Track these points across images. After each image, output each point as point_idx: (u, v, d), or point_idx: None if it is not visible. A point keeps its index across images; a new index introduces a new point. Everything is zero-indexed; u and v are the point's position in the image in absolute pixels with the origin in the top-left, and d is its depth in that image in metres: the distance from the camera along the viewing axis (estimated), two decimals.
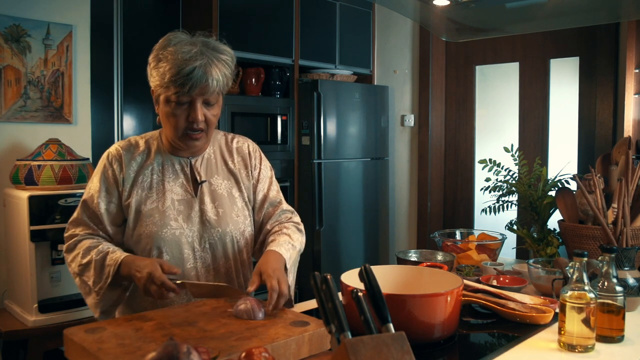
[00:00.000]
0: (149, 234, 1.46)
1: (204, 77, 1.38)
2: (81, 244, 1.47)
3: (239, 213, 1.56)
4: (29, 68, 2.62)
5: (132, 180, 1.50)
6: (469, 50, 3.85)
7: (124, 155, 1.51)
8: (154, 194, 1.49)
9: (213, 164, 1.57)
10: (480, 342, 1.37)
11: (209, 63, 1.39)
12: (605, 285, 1.32)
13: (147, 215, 1.47)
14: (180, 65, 1.36)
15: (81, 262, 1.44)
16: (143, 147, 1.54)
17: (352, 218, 3.82)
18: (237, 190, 1.58)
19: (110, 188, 1.49)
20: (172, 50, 1.39)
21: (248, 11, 3.33)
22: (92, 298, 1.45)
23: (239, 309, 1.26)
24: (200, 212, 1.51)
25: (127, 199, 1.49)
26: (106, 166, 1.50)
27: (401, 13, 3.16)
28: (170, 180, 1.51)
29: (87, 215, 1.50)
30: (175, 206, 1.49)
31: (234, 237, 1.54)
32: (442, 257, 1.93)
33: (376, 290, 1.02)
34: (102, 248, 1.44)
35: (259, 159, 1.64)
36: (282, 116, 3.48)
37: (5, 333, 2.28)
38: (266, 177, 1.64)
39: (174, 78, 1.37)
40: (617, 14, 2.38)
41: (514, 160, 2.09)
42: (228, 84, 1.47)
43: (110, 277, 1.39)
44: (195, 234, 1.50)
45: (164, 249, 1.46)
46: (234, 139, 1.64)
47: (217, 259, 1.52)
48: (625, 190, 1.67)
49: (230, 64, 1.47)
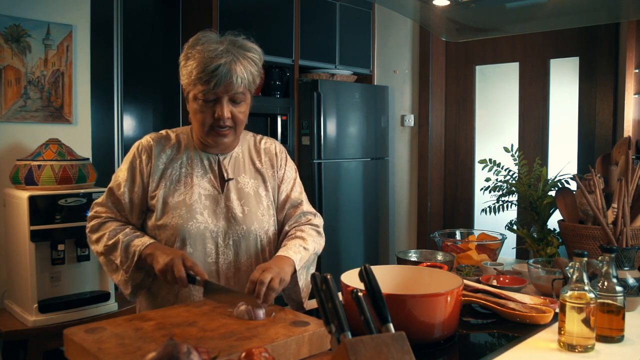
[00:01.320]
0: (175, 225, 1.48)
1: (228, 75, 1.41)
2: (106, 225, 1.51)
3: (264, 212, 1.57)
4: (29, 68, 2.62)
5: (161, 172, 1.52)
6: (469, 50, 3.85)
7: (154, 146, 1.54)
8: (181, 186, 1.52)
9: (241, 163, 1.59)
10: (480, 342, 1.37)
11: (234, 60, 1.42)
12: (605, 285, 1.32)
13: (174, 207, 1.49)
14: (206, 63, 1.40)
15: (107, 243, 1.48)
16: (174, 140, 1.57)
17: (352, 218, 3.82)
18: (263, 189, 1.60)
19: (135, 178, 1.52)
20: (200, 49, 1.43)
21: (248, 11, 3.33)
22: (121, 275, 1.49)
23: (240, 310, 1.26)
24: (226, 208, 1.53)
25: (155, 190, 1.51)
26: (135, 156, 1.54)
27: (401, 13, 3.16)
28: (198, 175, 1.54)
29: (111, 201, 1.54)
30: (202, 200, 1.51)
31: (258, 236, 1.55)
32: (442, 257, 1.93)
33: (376, 290, 1.03)
34: (128, 231, 1.49)
35: (285, 160, 1.66)
36: (282, 116, 3.48)
37: (5, 333, 2.28)
38: (290, 177, 1.66)
39: (200, 75, 1.40)
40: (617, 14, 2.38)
41: (514, 160, 2.09)
42: (255, 81, 1.50)
43: (136, 256, 1.43)
44: (220, 229, 1.51)
45: (187, 241, 1.48)
46: (262, 139, 1.67)
47: (239, 256, 1.53)
48: (625, 190, 1.67)
49: (257, 61, 1.50)
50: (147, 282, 1.52)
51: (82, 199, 2.38)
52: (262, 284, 1.32)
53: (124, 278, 1.48)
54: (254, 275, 1.35)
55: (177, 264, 1.36)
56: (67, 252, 2.39)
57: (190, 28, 3.25)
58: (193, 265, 1.38)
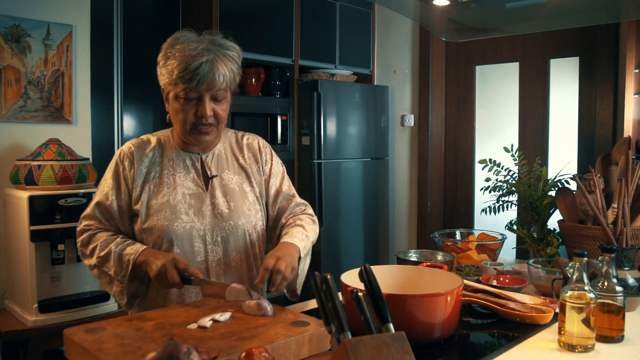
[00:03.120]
0: (160, 227, 1.48)
1: (210, 72, 1.41)
2: (97, 236, 1.52)
3: (251, 207, 1.58)
4: (29, 68, 2.62)
5: (144, 176, 1.53)
6: (469, 50, 3.85)
7: (135, 152, 1.54)
8: (164, 188, 1.52)
9: (224, 160, 1.60)
10: (480, 342, 1.37)
11: (216, 59, 1.43)
12: (605, 285, 1.32)
13: (158, 210, 1.49)
14: (188, 62, 1.40)
15: (100, 255, 1.48)
16: (154, 143, 1.57)
17: (352, 218, 3.82)
18: (248, 185, 1.60)
19: (120, 185, 1.53)
20: (180, 47, 1.43)
21: (248, 11, 3.33)
22: (116, 286, 1.49)
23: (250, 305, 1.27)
24: (211, 205, 1.53)
25: (139, 194, 1.52)
26: (118, 164, 1.55)
27: (401, 13, 3.16)
28: (181, 175, 1.54)
29: (99, 212, 1.54)
30: (187, 200, 1.51)
31: (246, 231, 1.56)
32: (442, 257, 1.93)
33: (376, 290, 1.02)
34: (119, 240, 1.49)
35: (270, 155, 1.67)
36: (282, 116, 3.48)
37: (5, 333, 2.28)
38: (278, 172, 1.67)
39: (182, 74, 1.41)
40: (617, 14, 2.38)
41: (514, 160, 2.09)
42: (235, 79, 1.50)
43: (131, 265, 1.43)
44: (207, 227, 1.52)
45: (175, 242, 1.48)
46: (244, 136, 1.68)
47: (228, 252, 1.54)
48: (625, 190, 1.67)
49: (237, 59, 1.50)
50: (142, 290, 1.52)
51: (82, 199, 2.38)
52: (278, 273, 1.36)
53: (119, 289, 1.49)
54: (269, 263, 1.37)
55: (169, 269, 1.37)
56: (67, 252, 2.39)
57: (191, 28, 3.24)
58: (187, 267, 1.39)
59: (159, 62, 1.48)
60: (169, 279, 1.37)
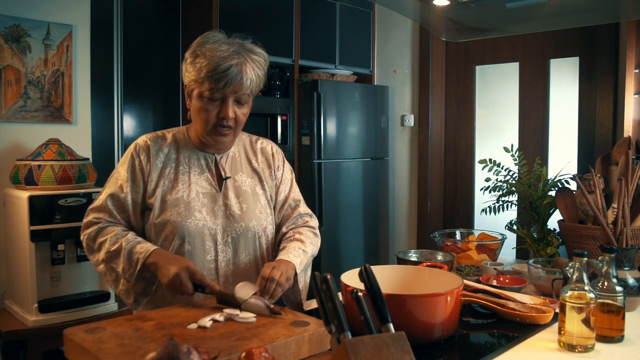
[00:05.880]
0: (174, 222, 1.48)
1: (238, 75, 1.43)
2: (107, 230, 1.50)
3: (262, 210, 1.59)
4: (29, 68, 2.62)
5: (159, 171, 1.53)
6: (469, 50, 3.85)
7: (151, 146, 1.55)
8: (179, 184, 1.52)
9: (238, 162, 1.61)
10: (480, 342, 1.37)
11: (244, 62, 1.45)
12: (605, 285, 1.32)
13: (172, 205, 1.50)
14: (218, 62, 1.42)
15: (110, 249, 1.46)
16: (170, 139, 1.58)
17: (352, 218, 3.82)
18: (260, 188, 1.61)
19: (136, 178, 1.52)
20: (210, 47, 1.44)
21: (248, 11, 3.33)
22: (122, 284, 1.48)
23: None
24: (224, 206, 1.54)
25: (154, 188, 1.51)
26: (133, 156, 1.53)
27: (401, 13, 3.16)
28: (195, 173, 1.55)
29: (112, 204, 1.52)
30: (200, 198, 1.52)
31: (257, 233, 1.56)
32: (442, 257, 1.93)
33: (376, 290, 1.03)
34: (130, 237, 1.48)
35: (282, 161, 1.69)
36: (282, 116, 3.48)
37: (5, 333, 2.28)
38: (288, 179, 1.68)
39: (210, 74, 1.42)
40: (617, 14, 2.38)
41: (514, 160, 2.09)
42: (260, 85, 1.52)
43: (140, 264, 1.42)
44: (219, 227, 1.52)
45: (186, 239, 1.48)
46: (258, 140, 1.70)
47: (238, 253, 1.54)
48: (625, 190, 1.67)
49: (264, 65, 1.52)
50: (150, 290, 1.50)
51: (82, 199, 2.38)
52: (272, 281, 1.37)
53: (126, 287, 1.47)
54: (264, 272, 1.39)
55: (184, 280, 1.36)
56: (67, 252, 2.39)
57: (190, 28, 3.25)
58: (202, 278, 1.38)
59: (186, 58, 1.49)
60: (182, 289, 1.36)
